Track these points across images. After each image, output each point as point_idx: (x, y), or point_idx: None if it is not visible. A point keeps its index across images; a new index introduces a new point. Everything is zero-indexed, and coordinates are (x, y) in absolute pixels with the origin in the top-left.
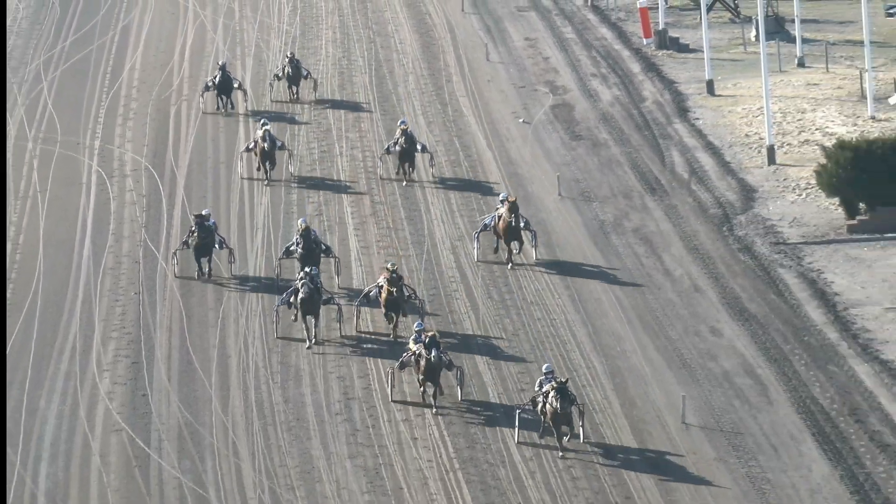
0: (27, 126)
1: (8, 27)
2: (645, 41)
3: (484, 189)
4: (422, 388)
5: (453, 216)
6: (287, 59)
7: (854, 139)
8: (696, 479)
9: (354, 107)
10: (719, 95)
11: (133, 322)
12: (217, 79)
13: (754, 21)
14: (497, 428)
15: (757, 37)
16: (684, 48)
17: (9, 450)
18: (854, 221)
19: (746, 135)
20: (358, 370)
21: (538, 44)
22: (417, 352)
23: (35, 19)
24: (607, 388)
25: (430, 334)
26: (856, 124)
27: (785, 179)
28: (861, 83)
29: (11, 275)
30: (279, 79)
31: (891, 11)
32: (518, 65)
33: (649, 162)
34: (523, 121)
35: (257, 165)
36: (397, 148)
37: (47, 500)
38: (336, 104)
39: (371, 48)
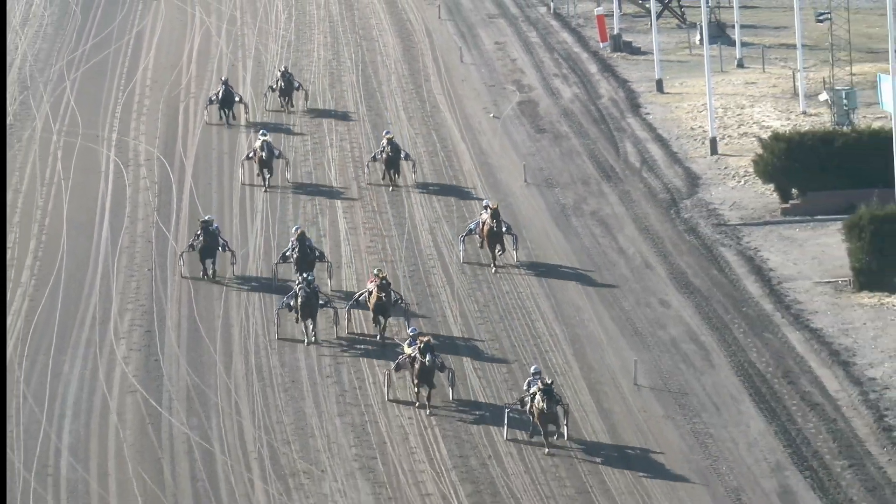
0: (52, 120)
1: (34, 33)
2: (601, 45)
3: (458, 177)
4: (416, 390)
5: (431, 201)
6: (280, 73)
7: (787, 132)
8: (646, 434)
9: (343, 103)
10: (668, 93)
11: (146, 295)
12: (220, 93)
13: (699, 26)
14: (469, 388)
15: (701, 41)
16: (636, 51)
17: (35, 409)
18: (787, 205)
19: (691, 128)
20: (347, 340)
21: (506, 47)
22: (412, 355)
23: (59, 25)
24: (567, 353)
25: (425, 339)
26: (789, 118)
27: (726, 168)
28: (794, 82)
29: (38, 253)
30: (273, 90)
31: (820, 18)
32: (489, 66)
33: (605, 152)
34: (493, 116)
35: (257, 172)
36: (383, 156)
37: (70, 453)
38: (326, 101)
39: (358, 51)
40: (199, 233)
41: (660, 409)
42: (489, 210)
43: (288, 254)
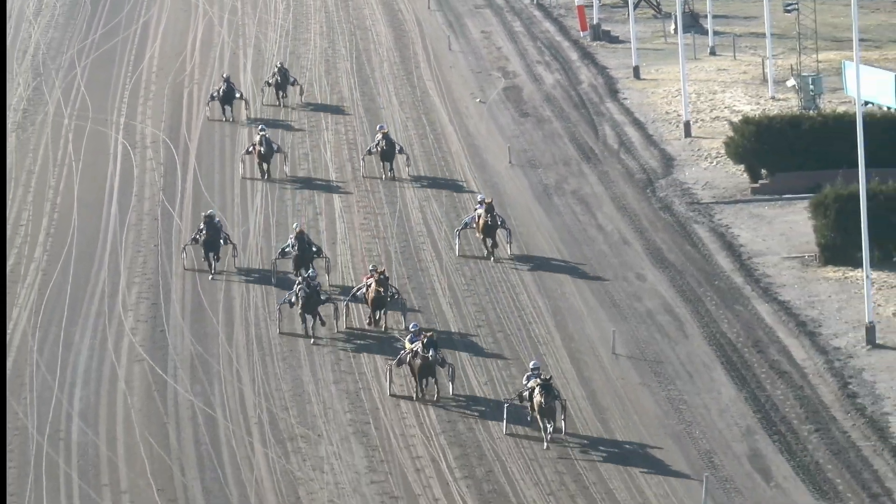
0: (63, 105)
1: (47, 22)
2: (582, 34)
3: (447, 158)
4: (416, 384)
5: (421, 180)
6: (277, 69)
7: (757, 116)
8: (623, 401)
9: (338, 89)
10: (644, 79)
11: (153, 269)
12: (221, 90)
13: (673, 16)
14: (456, 353)
15: (675, 30)
16: (615, 39)
17: (48, 376)
18: (757, 185)
19: (666, 112)
20: (344, 309)
21: (492, 36)
22: (414, 350)
23: (70, 16)
24: (550, 324)
25: (428, 335)
26: (758, 103)
27: (699, 149)
28: (763, 69)
29: (51, 230)
30: (269, 85)
31: (788, 8)
32: (475, 53)
33: (585, 135)
34: (479, 100)
35: (258, 163)
36: (378, 149)
37: (80, 418)
38: (322, 86)
39: (352, 39)
40: (202, 227)
41: (636, 376)
42: (484, 205)
43: (287, 250)
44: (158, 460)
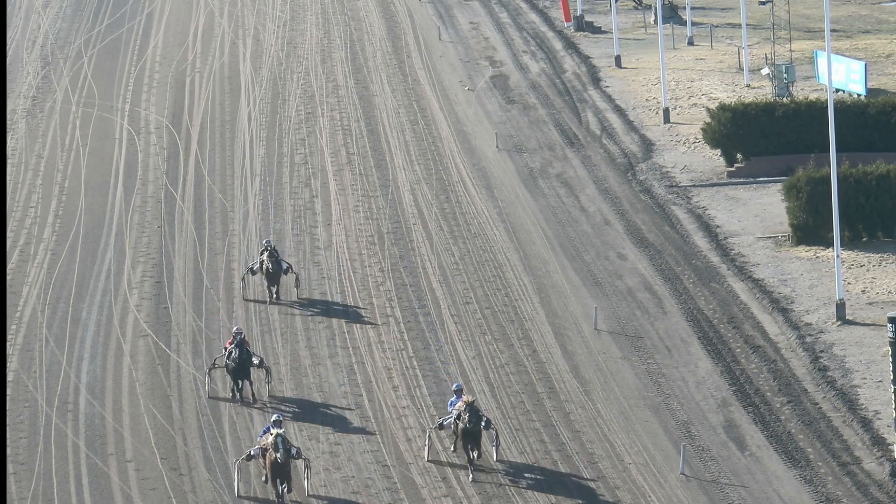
0: (71, 93)
1: (55, 14)
2: (566, 24)
3: (437, 143)
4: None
5: (412, 164)
6: (266, 251)
7: (733, 102)
8: (605, 374)
9: (333, 77)
10: (625, 68)
11: (156, 249)
12: (233, 356)
13: (653, 8)
14: (447, 333)
15: (655, 21)
16: (597, 30)
17: (56, 351)
18: (732, 168)
19: (646, 99)
20: (338, 287)
21: (480, 27)
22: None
23: (77, 7)
24: (535, 301)
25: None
26: (734, 91)
27: (677, 135)
28: (738, 58)
29: (59, 212)
30: (253, 273)
31: (763, 0)
32: (464, 43)
33: (569, 121)
34: (468, 88)
35: (264, 478)
36: (461, 426)
37: (87, 391)
38: (318, 75)
39: (347, 30)
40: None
41: (617, 351)
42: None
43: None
44: (162, 430)
